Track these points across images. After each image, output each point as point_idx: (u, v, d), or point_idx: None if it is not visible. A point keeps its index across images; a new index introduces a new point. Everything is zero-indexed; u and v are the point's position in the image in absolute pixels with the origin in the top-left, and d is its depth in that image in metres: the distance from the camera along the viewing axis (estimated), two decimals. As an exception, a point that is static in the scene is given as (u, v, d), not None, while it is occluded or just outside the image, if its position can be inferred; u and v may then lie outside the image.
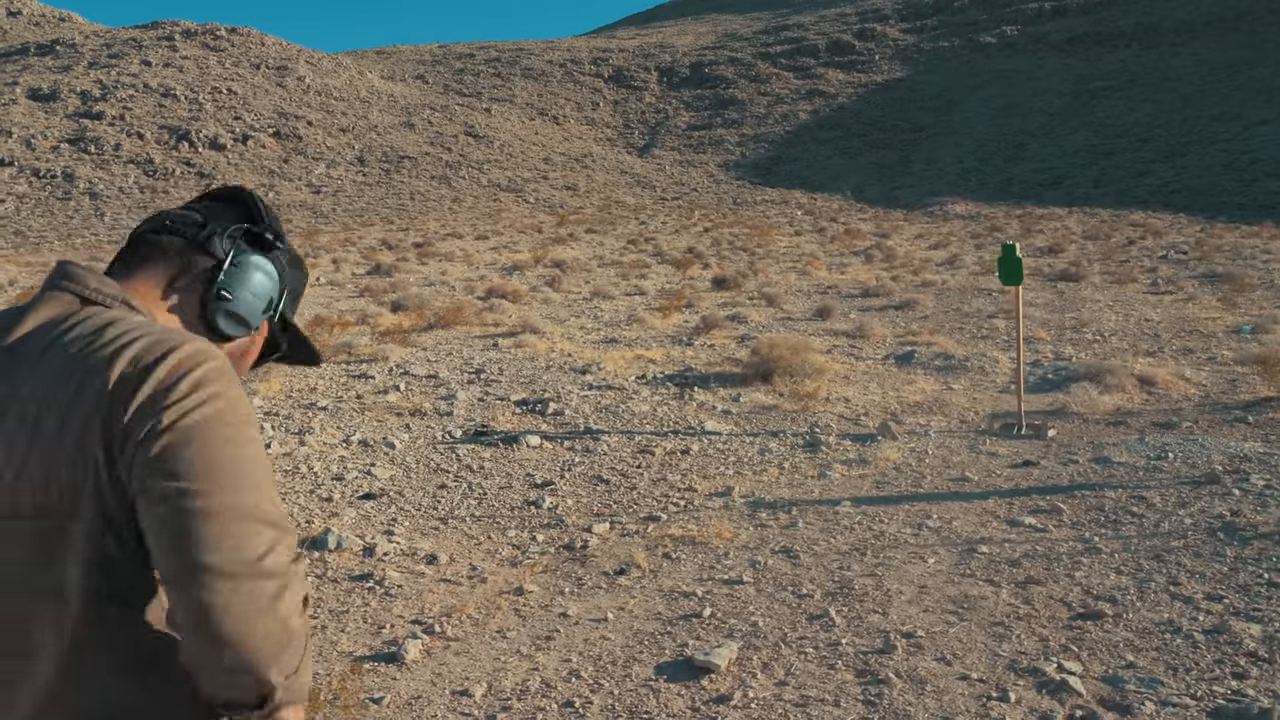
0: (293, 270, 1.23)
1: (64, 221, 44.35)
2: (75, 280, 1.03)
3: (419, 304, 13.63)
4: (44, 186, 49.81)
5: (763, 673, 3.16)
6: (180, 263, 1.11)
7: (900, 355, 9.18)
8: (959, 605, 3.63)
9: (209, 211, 1.16)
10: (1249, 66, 62.55)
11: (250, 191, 1.19)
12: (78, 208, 47.07)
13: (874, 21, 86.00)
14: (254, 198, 1.19)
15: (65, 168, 51.96)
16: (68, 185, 49.93)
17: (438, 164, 58.67)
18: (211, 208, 1.17)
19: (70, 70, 65.22)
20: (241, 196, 1.18)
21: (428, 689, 3.18)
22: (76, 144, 54.88)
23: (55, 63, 67.55)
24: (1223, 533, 4.28)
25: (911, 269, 18.95)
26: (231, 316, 1.12)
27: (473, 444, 6.37)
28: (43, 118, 57.52)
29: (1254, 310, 11.75)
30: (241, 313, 1.12)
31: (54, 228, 42.81)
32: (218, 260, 1.12)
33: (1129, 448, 5.81)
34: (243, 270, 1.13)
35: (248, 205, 1.18)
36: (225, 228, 1.14)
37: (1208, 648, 3.22)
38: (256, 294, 1.14)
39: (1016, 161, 58.10)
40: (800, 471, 5.61)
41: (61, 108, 58.93)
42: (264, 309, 1.15)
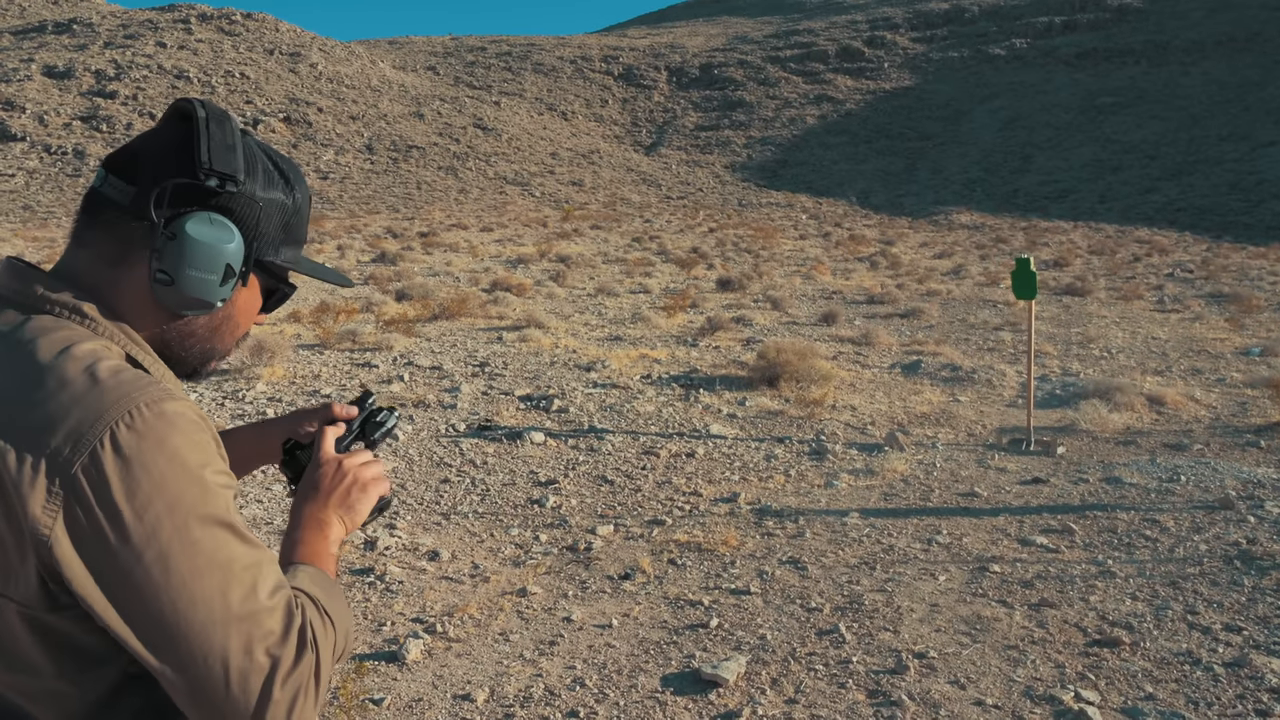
0: (268, 196, 0.95)
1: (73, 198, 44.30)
2: (21, 284, 0.88)
3: (423, 294, 13.55)
4: (54, 163, 49.77)
5: (772, 689, 3.08)
6: (117, 235, 0.90)
7: (906, 365, 9.11)
8: (971, 626, 3.55)
9: (150, 154, 0.90)
10: (1259, 87, 62.54)
11: (197, 107, 0.92)
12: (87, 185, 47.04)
13: (884, 29, 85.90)
14: (197, 120, 0.90)
15: (76, 145, 51.92)
16: (78, 162, 49.88)
17: (445, 155, 58.59)
18: (158, 144, 0.91)
19: (86, 49, 65.21)
20: (187, 112, 0.92)
21: (429, 691, 3.10)
22: (89, 122, 54.86)
23: (72, 41, 67.55)
24: (1239, 561, 4.20)
25: (916, 277, 18.88)
26: (183, 300, 0.91)
27: (476, 438, 6.29)
28: (57, 95, 57.52)
29: (1262, 332, 11.68)
30: (192, 294, 0.91)
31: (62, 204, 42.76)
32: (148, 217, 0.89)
33: (1140, 468, 5.73)
34: (180, 241, 0.89)
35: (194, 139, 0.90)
36: (160, 178, 0.89)
37: (1229, 682, 3.14)
38: (205, 268, 0.90)
39: (1022, 173, 58.06)
40: (807, 480, 5.53)
41: (76, 85, 58.94)
42: (222, 280, 0.92)
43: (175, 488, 0.79)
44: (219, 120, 0.92)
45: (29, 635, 0.81)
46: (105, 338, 0.88)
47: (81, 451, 0.78)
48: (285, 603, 0.84)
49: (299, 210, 1.00)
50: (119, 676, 0.85)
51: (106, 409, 0.80)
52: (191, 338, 0.97)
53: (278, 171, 0.98)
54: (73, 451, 0.78)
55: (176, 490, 0.79)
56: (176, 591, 0.79)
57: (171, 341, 0.96)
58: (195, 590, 0.79)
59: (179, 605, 0.79)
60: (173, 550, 0.79)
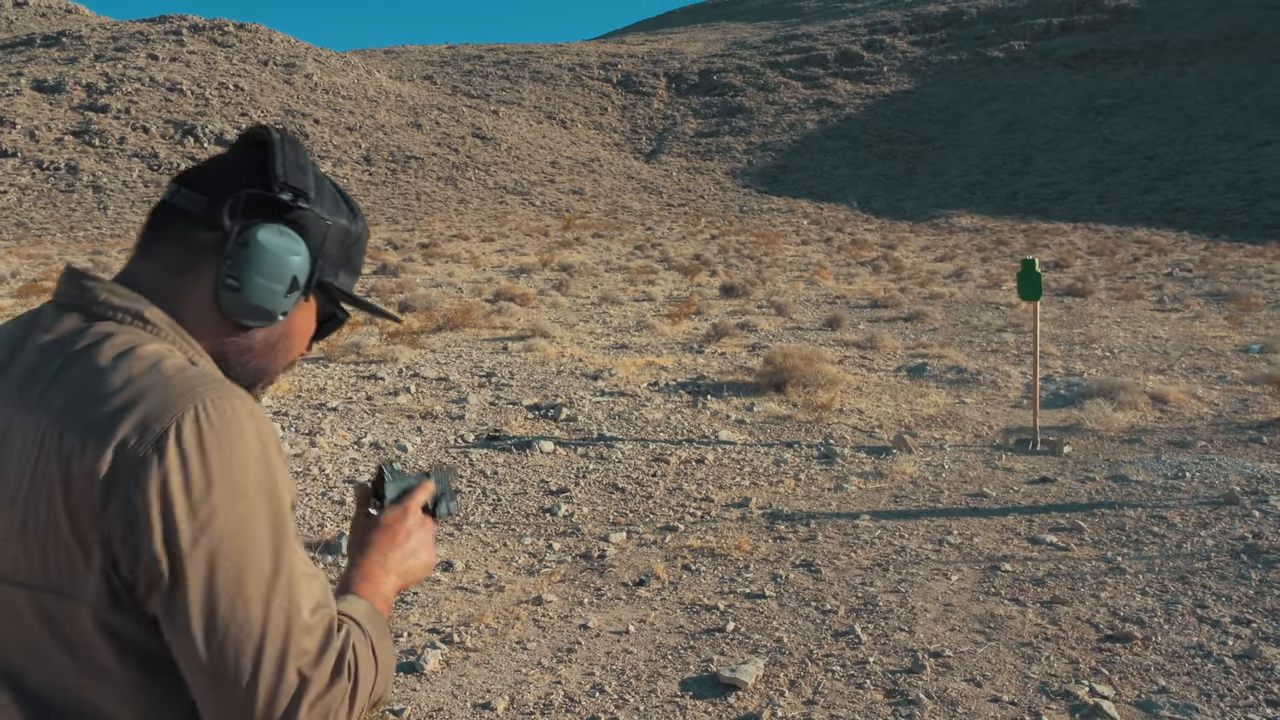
0: (335, 219, 0.99)
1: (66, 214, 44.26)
2: (85, 293, 0.90)
3: (426, 305, 13.62)
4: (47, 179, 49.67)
5: (790, 691, 3.12)
6: (191, 244, 0.93)
7: (912, 368, 9.15)
8: (986, 624, 3.59)
9: (223, 169, 0.96)
10: (1255, 87, 62.70)
11: (272, 132, 0.97)
12: (80, 200, 46.98)
13: (883, 33, 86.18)
14: (273, 142, 0.95)
15: (69, 160, 51.87)
16: (71, 178, 49.82)
17: (444, 165, 58.73)
18: (230, 162, 0.96)
19: (76, 62, 65.23)
20: (262, 138, 0.97)
21: (448, 701, 3.13)
22: (81, 136, 54.82)
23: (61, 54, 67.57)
24: (1246, 555, 4.25)
25: (919, 281, 18.93)
26: (249, 309, 0.94)
27: (485, 449, 6.33)
28: (47, 109, 57.47)
29: (1260, 330, 11.74)
30: (257, 302, 0.93)
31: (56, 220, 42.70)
32: (220, 225, 0.92)
33: (1145, 466, 5.78)
34: (251, 249, 0.92)
35: (265, 155, 0.95)
36: (233, 188, 0.93)
37: (1239, 673, 3.18)
38: (272, 276, 0.93)
39: (1022, 175, 58.17)
40: (817, 483, 5.57)
41: (66, 100, 58.89)
42: (287, 290, 0.95)
43: (238, 481, 0.81)
44: (293, 143, 0.97)
45: (100, 638, 0.82)
46: (168, 342, 0.90)
47: (148, 441, 0.79)
48: (326, 623, 0.85)
49: (359, 239, 1.04)
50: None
51: (174, 401, 0.81)
52: (248, 353, 0.98)
53: (343, 199, 1.03)
54: (139, 442, 0.79)
55: (239, 483, 0.81)
56: (225, 585, 0.80)
57: (229, 355, 0.97)
58: (246, 586, 0.81)
59: (225, 599, 0.80)
60: (228, 542, 0.80)
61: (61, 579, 0.81)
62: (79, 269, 0.94)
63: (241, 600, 0.80)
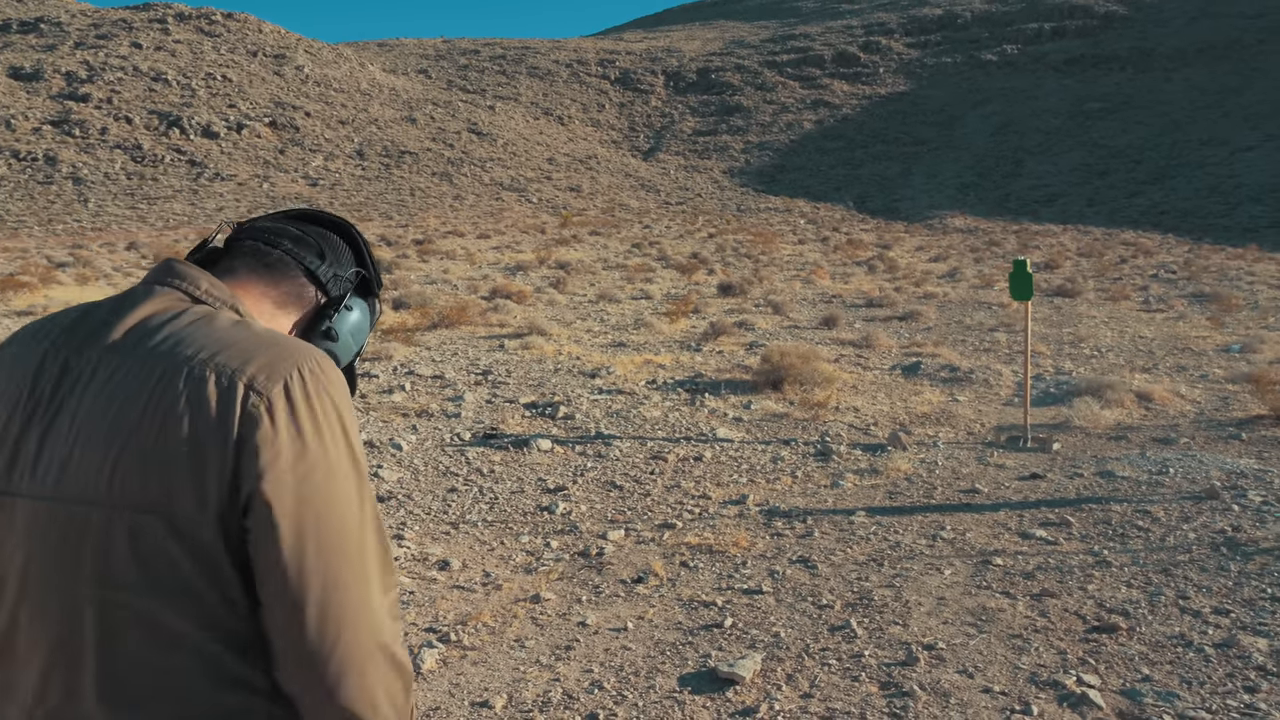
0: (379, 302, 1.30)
1: (45, 206, 43.65)
2: (185, 279, 1.02)
3: (421, 302, 13.65)
4: (24, 169, 48.81)
5: (787, 685, 3.20)
6: (295, 288, 1.12)
7: (906, 366, 9.25)
8: (977, 617, 3.68)
9: (323, 242, 1.17)
10: (1237, 94, 63.17)
11: (358, 231, 1.22)
12: (60, 192, 46.33)
13: (879, 35, 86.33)
14: (363, 239, 1.22)
15: (48, 150, 51.08)
16: (50, 169, 49.08)
17: (439, 160, 58.53)
18: (323, 238, 1.18)
19: (55, 50, 64.21)
20: (352, 235, 1.21)
21: (446, 700, 3.14)
22: (60, 126, 53.91)
23: (39, 41, 66.43)
24: (1225, 548, 4.36)
25: (913, 281, 19.05)
26: (330, 355, 1.13)
27: (482, 447, 6.37)
28: (24, 98, 56.48)
29: (1241, 330, 11.91)
30: (339, 354, 1.16)
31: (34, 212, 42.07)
32: (331, 298, 1.15)
33: (1131, 462, 5.89)
34: (350, 314, 1.17)
35: (357, 246, 1.21)
36: (345, 269, 1.18)
37: (1219, 661, 3.28)
38: (355, 337, 1.18)
39: (1014, 178, 58.42)
40: (813, 480, 5.66)
41: (45, 88, 57.92)
42: (355, 352, 1.20)
43: (346, 419, 0.98)
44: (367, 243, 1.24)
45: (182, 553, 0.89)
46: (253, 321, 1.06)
47: (276, 381, 0.93)
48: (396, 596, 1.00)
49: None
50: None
51: (294, 354, 0.97)
52: None
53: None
54: (268, 379, 0.93)
55: (346, 422, 0.98)
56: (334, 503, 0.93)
57: None
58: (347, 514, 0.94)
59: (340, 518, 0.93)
60: (340, 466, 0.95)
61: (161, 497, 0.90)
62: (178, 260, 1.07)
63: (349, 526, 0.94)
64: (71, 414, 0.93)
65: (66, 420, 0.93)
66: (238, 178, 51.13)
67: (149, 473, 0.89)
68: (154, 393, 0.91)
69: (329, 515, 0.92)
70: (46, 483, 0.92)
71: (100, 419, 0.91)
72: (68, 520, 0.91)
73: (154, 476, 0.89)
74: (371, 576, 0.95)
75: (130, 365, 0.93)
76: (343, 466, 0.95)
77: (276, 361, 0.94)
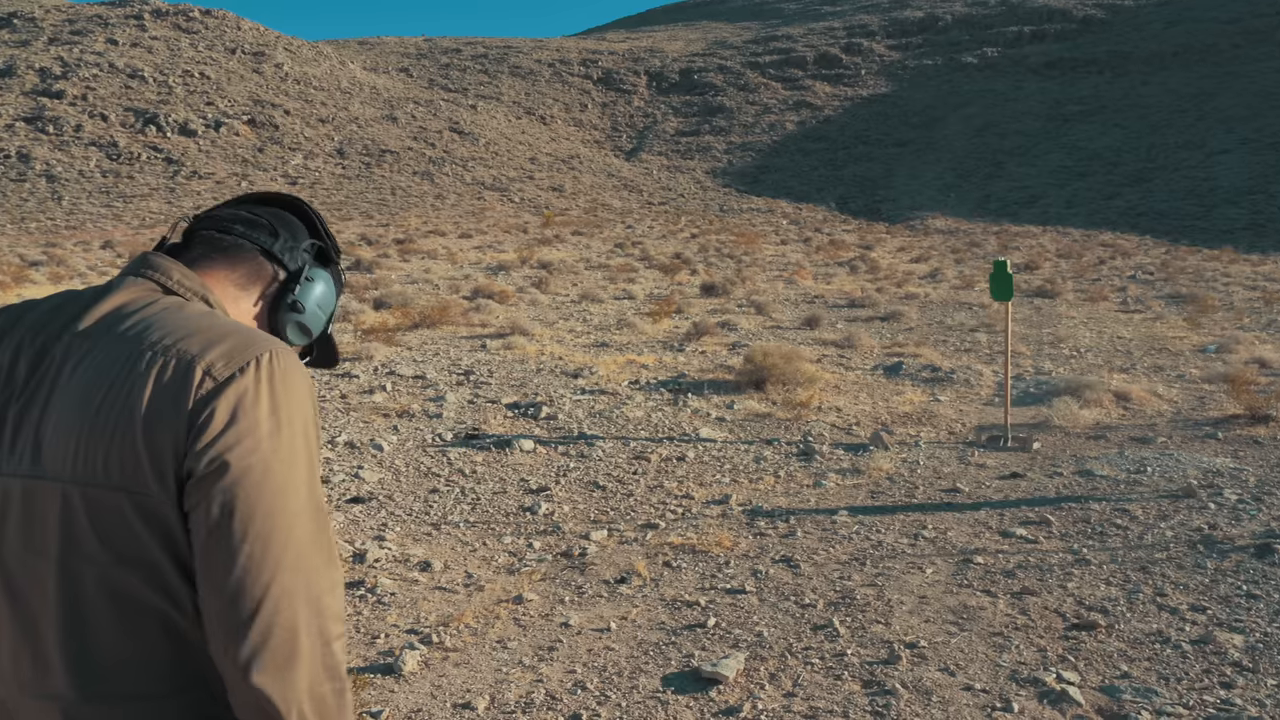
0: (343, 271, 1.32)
1: (17, 204, 43.04)
2: (158, 270, 1.07)
3: (402, 302, 13.56)
4: (-4, 166, 48.19)
5: (770, 684, 3.20)
6: (254, 268, 1.16)
7: (888, 366, 9.30)
8: (959, 615, 3.70)
9: (275, 221, 1.20)
10: (1212, 97, 64.08)
11: (310, 205, 1.25)
12: (33, 190, 45.66)
13: (861, 37, 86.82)
14: (316, 212, 1.25)
15: (20, 148, 50.31)
16: (23, 166, 48.36)
17: (421, 159, 58.21)
18: (276, 216, 1.21)
19: (29, 45, 63.28)
20: (302, 209, 1.24)
21: (428, 702, 3.11)
22: (33, 123, 53.12)
23: (12, 37, 65.44)
24: (1202, 545, 4.42)
25: (895, 281, 19.17)
26: (299, 327, 1.20)
27: (464, 447, 6.34)
28: (-4, 94, 55.67)
29: (1217, 331, 12.08)
30: (308, 324, 1.20)
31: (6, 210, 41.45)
32: (291, 272, 1.18)
33: (1110, 461, 5.95)
34: (313, 284, 1.20)
35: (310, 219, 1.25)
36: (300, 242, 1.21)
37: (1196, 658, 3.32)
38: (322, 307, 1.22)
39: (994, 179, 58.93)
40: (796, 480, 5.67)
41: (18, 84, 57.06)
42: (325, 321, 1.23)
43: (300, 411, 0.99)
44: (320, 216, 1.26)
45: (146, 529, 0.93)
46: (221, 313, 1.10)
47: (231, 367, 0.96)
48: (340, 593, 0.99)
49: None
50: None
51: (255, 343, 0.99)
52: None
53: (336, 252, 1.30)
54: (225, 365, 0.96)
55: (300, 413, 0.99)
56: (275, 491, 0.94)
57: None
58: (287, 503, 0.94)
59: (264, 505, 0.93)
60: (288, 455, 0.96)
61: (122, 474, 0.93)
62: (153, 253, 1.11)
63: (295, 510, 0.95)
64: (45, 397, 0.97)
65: (41, 403, 0.97)
66: (215, 176, 50.59)
67: (112, 451, 0.92)
68: (118, 375, 0.95)
69: (266, 499, 0.93)
70: (23, 463, 0.96)
71: (71, 400, 0.95)
72: (39, 496, 0.95)
73: (116, 455, 0.92)
74: (309, 568, 0.95)
75: (101, 350, 0.97)
76: (290, 456, 0.96)
77: (236, 350, 0.97)
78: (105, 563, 0.93)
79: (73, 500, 0.93)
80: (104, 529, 0.93)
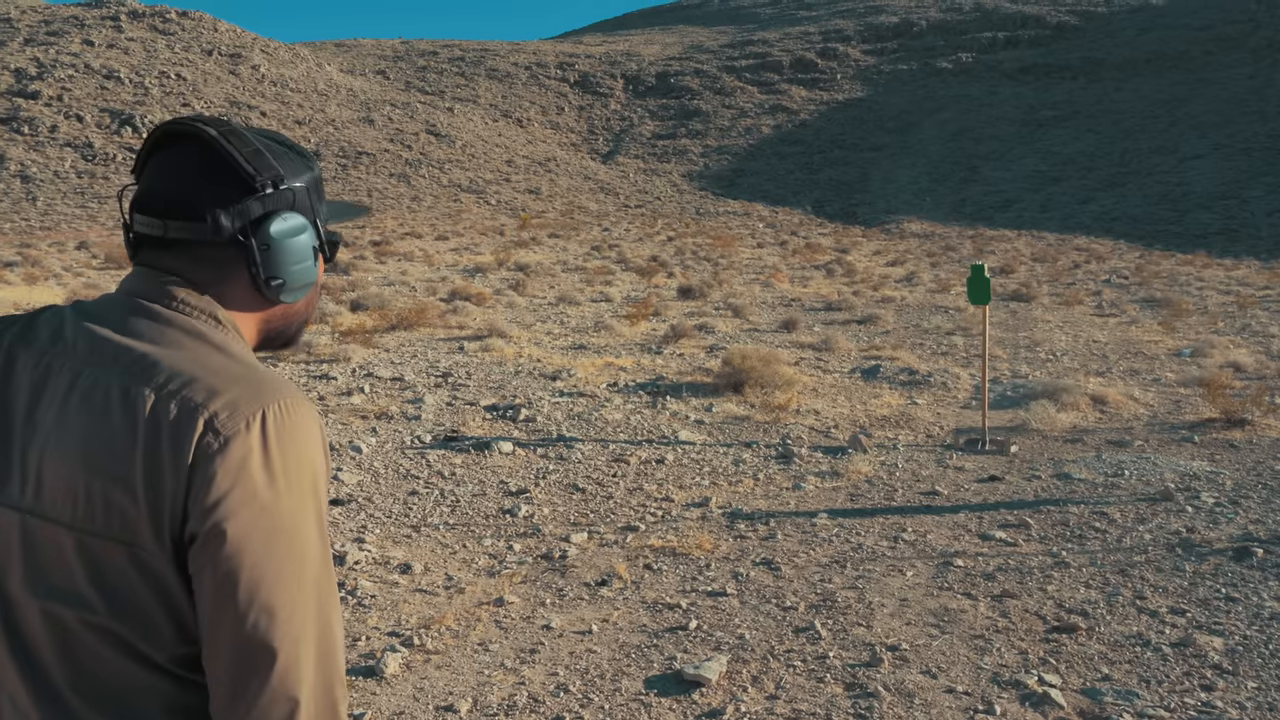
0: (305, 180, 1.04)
1: (-7, 207, 42.43)
2: (161, 287, 0.98)
3: (380, 303, 13.43)
4: (-32, 167, 47.43)
5: (753, 686, 3.18)
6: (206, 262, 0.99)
7: (866, 369, 9.33)
8: (940, 618, 3.70)
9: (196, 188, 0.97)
10: (1184, 103, 65.26)
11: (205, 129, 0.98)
12: (8, 190, 44.98)
13: (837, 41, 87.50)
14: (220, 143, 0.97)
15: (-5, 149, 49.63)
16: (-2, 168, 47.71)
17: (397, 162, 57.85)
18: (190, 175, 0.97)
19: (4, 46, 62.36)
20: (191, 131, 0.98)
21: (410, 704, 3.10)
22: (9, 124, 52.41)
23: None
24: (1180, 549, 4.45)
25: (871, 284, 19.29)
26: (294, 290, 1.04)
27: (443, 449, 6.28)
28: (-30, 95, 54.87)
29: (1191, 335, 12.25)
30: (300, 284, 1.03)
31: None
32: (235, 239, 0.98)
33: (1087, 465, 6.00)
34: (274, 248, 0.99)
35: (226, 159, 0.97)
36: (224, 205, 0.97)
37: (1176, 660, 3.34)
38: (299, 258, 1.02)
39: (969, 184, 59.60)
40: (775, 483, 5.66)
41: None
42: (313, 259, 1.04)
43: (308, 466, 0.92)
44: (233, 132, 1.00)
45: (141, 581, 0.89)
46: (232, 341, 1.00)
47: (237, 420, 0.89)
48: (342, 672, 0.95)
49: (320, 176, 1.10)
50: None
51: (262, 393, 0.92)
52: (296, 315, 1.11)
53: (293, 151, 1.06)
54: (229, 417, 0.89)
55: (309, 468, 0.92)
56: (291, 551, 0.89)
57: (281, 324, 1.09)
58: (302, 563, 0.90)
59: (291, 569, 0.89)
60: (293, 519, 0.90)
61: (120, 526, 0.88)
62: (149, 269, 1.00)
63: (289, 577, 0.89)
64: (49, 427, 0.92)
65: (45, 432, 0.92)
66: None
67: (111, 502, 0.88)
68: (121, 419, 0.89)
69: (274, 565, 0.88)
70: (26, 495, 0.91)
71: (73, 438, 0.90)
72: (38, 535, 0.91)
73: (115, 506, 0.88)
74: (319, 633, 0.91)
75: (104, 384, 0.91)
76: (297, 520, 0.90)
77: (241, 400, 0.90)
78: (99, 611, 0.90)
79: (70, 545, 0.89)
80: (101, 578, 0.89)
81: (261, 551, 0.87)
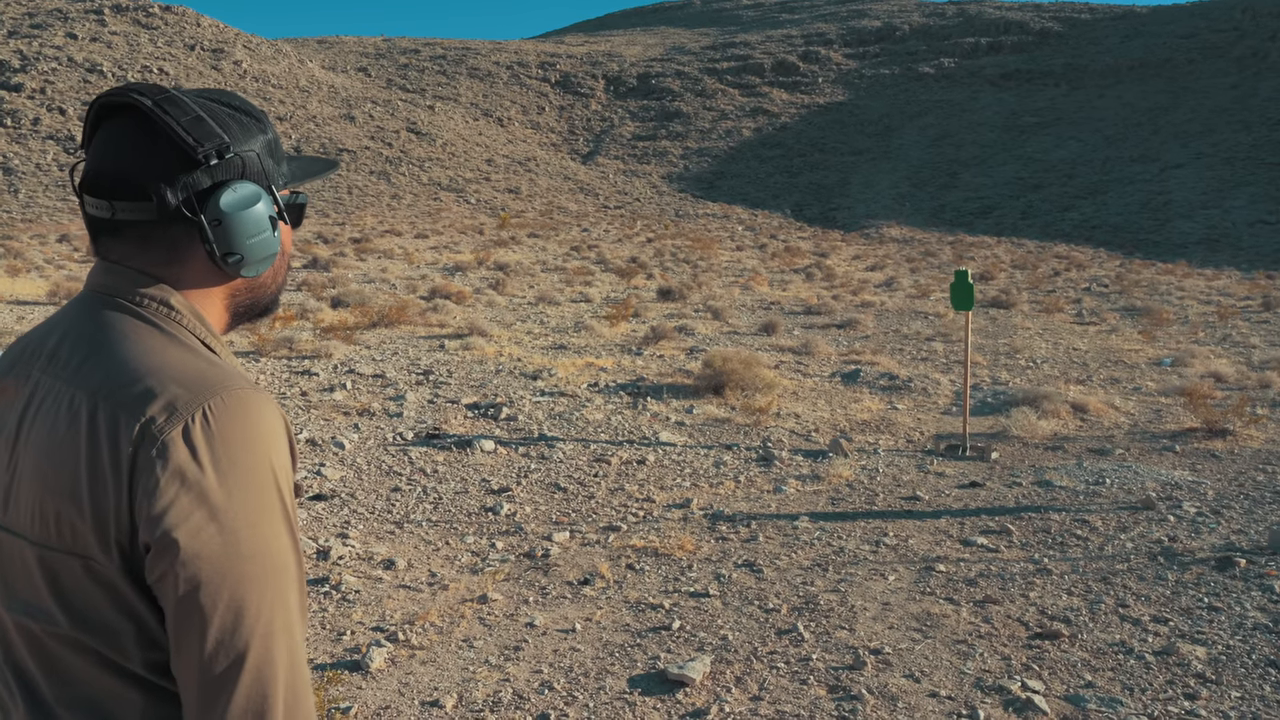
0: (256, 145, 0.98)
1: (-26, 199, 41.75)
2: (116, 281, 0.94)
3: (360, 301, 13.30)
4: (-48, 159, 46.74)
5: (737, 687, 3.16)
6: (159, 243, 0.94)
7: (846, 374, 9.36)
8: (922, 622, 3.70)
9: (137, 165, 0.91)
10: (1167, 112, 66.19)
11: (137, 98, 0.91)
12: (-2, 189, 44.37)
13: (818, 45, 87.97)
14: (152, 113, 0.91)
15: (-24, 141, 48.90)
16: (-21, 159, 46.99)
17: (377, 159, 57.44)
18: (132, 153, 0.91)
19: (-14, 37, 61.55)
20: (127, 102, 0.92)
21: (396, 699, 3.10)
22: (-9, 116, 51.76)
23: None
24: (1163, 557, 4.48)
25: (851, 289, 19.38)
26: (255, 264, 0.97)
27: (425, 447, 6.23)
28: (-48, 86, 54.08)
29: (1172, 344, 12.39)
30: (259, 256, 0.96)
31: None
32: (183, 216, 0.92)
33: (1068, 472, 6.04)
34: (226, 223, 0.93)
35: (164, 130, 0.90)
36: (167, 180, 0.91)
37: (1159, 668, 3.36)
38: (256, 229, 0.95)
39: (949, 189, 60.12)
40: (756, 485, 5.65)
41: None
42: (272, 229, 0.97)
43: (262, 459, 0.88)
44: (170, 101, 0.93)
45: (101, 595, 0.86)
46: (188, 329, 0.96)
47: (176, 423, 0.85)
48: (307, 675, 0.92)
49: (277, 137, 1.04)
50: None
51: (203, 389, 0.87)
52: (263, 287, 1.06)
53: (241, 113, 0.99)
54: (167, 420, 0.85)
55: (263, 461, 0.88)
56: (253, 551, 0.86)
57: (247, 298, 1.04)
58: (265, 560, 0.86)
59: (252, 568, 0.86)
60: (262, 508, 0.87)
61: (72, 538, 0.86)
62: (110, 263, 0.96)
63: (251, 577, 0.86)
64: (24, 442, 0.91)
65: (21, 448, 0.91)
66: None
67: (61, 515, 0.86)
68: (68, 430, 0.87)
69: (235, 568, 0.85)
70: (7, 511, 0.91)
71: (36, 452, 0.89)
72: (10, 550, 0.91)
73: (65, 519, 0.86)
74: (285, 627, 0.88)
75: (56, 394, 0.90)
76: (255, 516, 0.86)
77: (179, 400, 0.85)
78: (63, 624, 0.88)
79: (31, 559, 0.88)
80: (63, 592, 0.88)
81: (220, 554, 0.84)
